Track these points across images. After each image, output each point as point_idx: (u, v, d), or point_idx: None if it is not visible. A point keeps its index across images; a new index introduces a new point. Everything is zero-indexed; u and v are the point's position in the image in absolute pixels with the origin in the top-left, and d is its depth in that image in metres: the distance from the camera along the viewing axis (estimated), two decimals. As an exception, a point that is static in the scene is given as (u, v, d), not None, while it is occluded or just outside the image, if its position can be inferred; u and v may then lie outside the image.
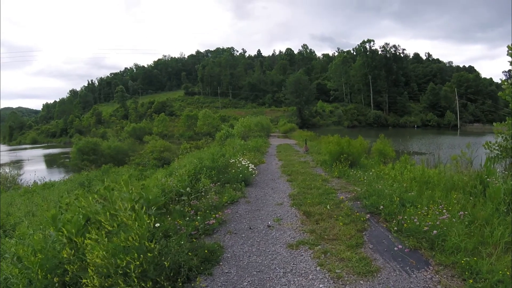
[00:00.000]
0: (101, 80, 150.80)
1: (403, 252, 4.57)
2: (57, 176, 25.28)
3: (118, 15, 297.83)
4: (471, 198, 6.50)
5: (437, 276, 3.88)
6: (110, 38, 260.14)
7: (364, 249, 4.72)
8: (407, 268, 4.14)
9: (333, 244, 4.84)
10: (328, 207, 6.59)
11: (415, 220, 5.19)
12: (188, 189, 6.56)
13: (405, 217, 5.51)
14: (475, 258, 3.95)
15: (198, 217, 5.65)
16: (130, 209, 3.84)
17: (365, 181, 8.59)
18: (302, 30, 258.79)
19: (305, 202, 7.01)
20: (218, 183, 8.16)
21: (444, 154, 24.56)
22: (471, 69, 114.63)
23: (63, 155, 48.04)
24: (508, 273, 3.56)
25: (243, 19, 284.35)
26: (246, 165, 9.76)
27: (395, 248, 4.66)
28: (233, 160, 10.19)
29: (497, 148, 12.60)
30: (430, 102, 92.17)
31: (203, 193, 7.21)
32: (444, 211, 5.51)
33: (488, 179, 7.00)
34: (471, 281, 3.62)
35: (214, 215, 5.79)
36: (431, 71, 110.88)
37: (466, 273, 3.78)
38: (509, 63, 11.37)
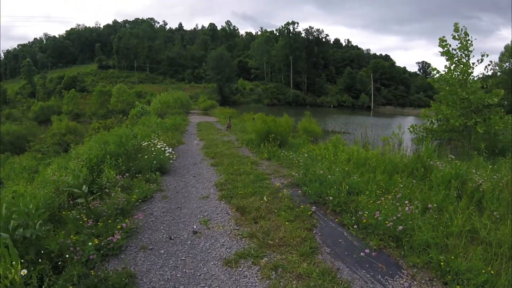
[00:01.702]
0: (7, 53, 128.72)
1: (369, 256, 3.69)
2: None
3: None
4: (413, 181, 6.03)
5: (415, 282, 3.23)
6: (19, 5, 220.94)
7: (321, 255, 3.71)
8: (379, 276, 3.34)
9: (283, 253, 3.69)
10: (265, 198, 5.43)
11: (376, 214, 4.32)
12: (84, 187, 4.78)
13: (359, 208, 4.72)
14: (449, 255, 3.44)
15: (99, 228, 4.07)
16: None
17: (300, 164, 7.65)
18: (225, 6, 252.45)
19: (236, 193, 5.75)
20: (127, 174, 6.43)
21: (364, 133, 25.62)
22: (387, 57, 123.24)
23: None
24: (492, 272, 3.14)
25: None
26: (162, 148, 8.07)
27: (361, 253, 3.73)
28: (146, 143, 8.40)
29: (422, 130, 13.08)
30: (346, 84, 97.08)
31: (107, 190, 5.54)
32: (407, 202, 4.75)
33: (431, 162, 6.62)
34: (458, 287, 3.08)
35: (120, 225, 4.18)
36: (349, 56, 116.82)
37: (448, 276, 3.22)
38: (440, 53, 11.83)
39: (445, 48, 11.55)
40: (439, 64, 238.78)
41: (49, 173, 5.95)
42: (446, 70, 11.72)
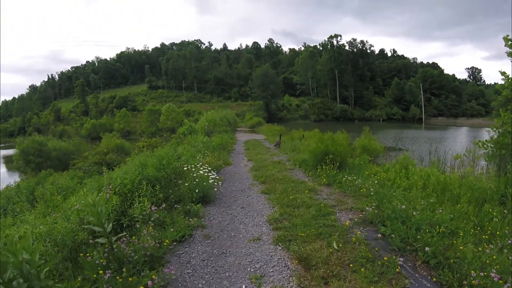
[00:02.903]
0: (61, 74, 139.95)
1: None
2: (8, 180, 21.08)
3: (79, 7, 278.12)
4: (504, 211, 5.11)
5: None
6: (71, 31, 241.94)
7: None
8: None
9: None
10: (334, 245, 4.16)
11: (493, 275, 3.02)
12: (108, 225, 3.85)
13: (459, 259, 3.63)
14: None
15: (118, 284, 3.07)
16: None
17: (371, 193, 6.26)
18: (264, 25, 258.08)
19: (295, 235, 4.52)
20: (164, 204, 5.49)
21: (420, 149, 23.38)
22: (435, 65, 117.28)
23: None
24: None
25: (206, 13, 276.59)
26: (206, 174, 7.06)
27: None
28: (188, 167, 7.42)
29: (493, 145, 11.05)
30: (395, 96, 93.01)
31: (137, 225, 4.59)
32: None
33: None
34: None
35: (144, 283, 3.15)
36: (396, 66, 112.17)
37: None
38: (507, 54, 9.92)
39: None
40: (490, 68, 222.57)
41: (73, 201, 5.13)
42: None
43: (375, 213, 5.13)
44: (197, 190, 6.15)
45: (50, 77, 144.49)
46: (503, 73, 10.84)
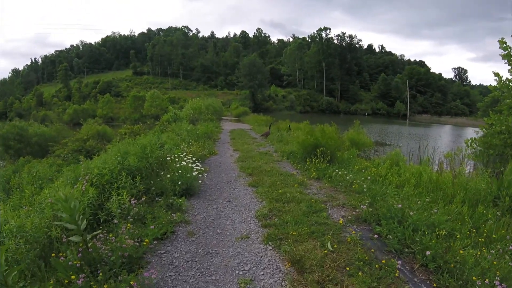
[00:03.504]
0: (45, 58, 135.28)
1: None
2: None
3: None
4: (498, 213, 5.11)
5: None
6: (56, 14, 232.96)
7: None
8: None
9: None
10: (329, 246, 3.86)
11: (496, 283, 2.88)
12: (82, 222, 3.44)
13: (459, 263, 3.51)
14: None
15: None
16: None
17: (364, 189, 6.00)
18: (253, 15, 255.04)
19: (286, 233, 4.21)
20: (145, 197, 5.09)
21: (407, 145, 23.46)
22: (422, 63, 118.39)
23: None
24: None
25: (195, 0, 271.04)
26: (190, 165, 6.58)
27: None
28: (171, 156, 6.97)
29: (480, 144, 11.02)
30: (381, 91, 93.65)
31: (115, 221, 4.21)
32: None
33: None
34: None
35: (123, 285, 2.79)
36: (383, 62, 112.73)
37: None
38: (501, 57, 9.86)
39: (507, 51, 9.57)
40: (476, 69, 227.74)
41: (46, 193, 4.68)
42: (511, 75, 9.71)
43: (369, 211, 4.88)
44: (180, 182, 5.74)
45: (33, 61, 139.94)
46: (496, 74, 10.74)
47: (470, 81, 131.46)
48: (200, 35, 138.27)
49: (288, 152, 10.40)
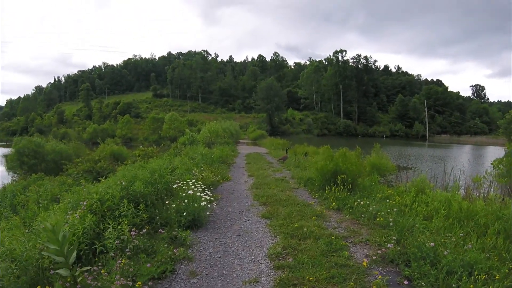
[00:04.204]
0: (67, 77, 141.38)
1: None
2: (7, 179, 20.12)
3: (88, 12, 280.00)
4: None
5: None
6: (80, 36, 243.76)
7: None
8: None
9: None
10: (351, 295, 3.30)
11: None
12: (71, 255, 3.06)
13: None
14: None
15: None
16: None
17: (390, 223, 5.36)
18: (270, 39, 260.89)
19: (301, 279, 3.66)
20: (148, 227, 4.65)
21: (430, 168, 22.39)
22: (439, 83, 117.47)
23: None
24: None
25: (213, 25, 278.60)
26: (198, 194, 6.04)
27: None
28: (180, 183, 6.52)
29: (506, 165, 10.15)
30: (398, 113, 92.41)
31: (111, 254, 3.79)
32: None
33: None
34: None
35: None
36: (400, 83, 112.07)
37: None
38: None
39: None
40: (494, 86, 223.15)
41: (43, 217, 4.36)
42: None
43: (397, 250, 4.28)
44: (184, 213, 5.29)
45: (57, 79, 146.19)
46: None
47: (488, 98, 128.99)
48: (219, 59, 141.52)
49: (305, 179, 9.85)
